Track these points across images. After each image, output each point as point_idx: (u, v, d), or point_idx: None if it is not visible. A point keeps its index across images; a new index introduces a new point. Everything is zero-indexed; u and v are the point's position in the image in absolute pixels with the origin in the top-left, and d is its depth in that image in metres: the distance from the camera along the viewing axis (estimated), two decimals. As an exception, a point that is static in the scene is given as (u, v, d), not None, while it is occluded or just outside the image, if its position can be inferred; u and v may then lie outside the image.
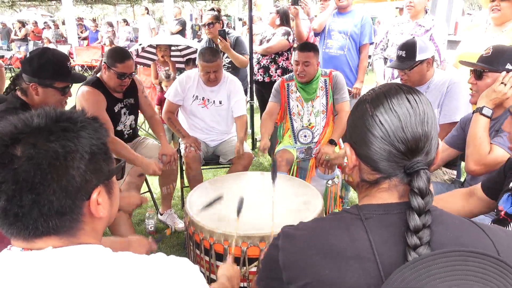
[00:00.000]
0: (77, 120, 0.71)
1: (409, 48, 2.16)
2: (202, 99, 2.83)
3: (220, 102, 2.85)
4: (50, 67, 1.81)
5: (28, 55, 1.85)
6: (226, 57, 3.64)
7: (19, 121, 0.68)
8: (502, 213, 1.23)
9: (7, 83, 2.05)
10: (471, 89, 1.86)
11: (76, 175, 0.68)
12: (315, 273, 0.72)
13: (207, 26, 3.50)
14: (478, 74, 1.77)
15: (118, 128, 2.58)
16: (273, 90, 2.82)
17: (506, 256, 0.69)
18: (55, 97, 1.87)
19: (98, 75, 2.47)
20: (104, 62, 2.40)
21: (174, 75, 4.68)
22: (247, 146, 2.90)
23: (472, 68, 1.82)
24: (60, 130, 0.68)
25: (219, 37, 3.35)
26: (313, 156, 2.69)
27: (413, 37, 2.61)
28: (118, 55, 2.37)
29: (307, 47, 2.63)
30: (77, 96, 2.37)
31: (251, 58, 4.13)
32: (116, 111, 2.51)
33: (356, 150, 0.80)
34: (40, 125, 0.68)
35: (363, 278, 0.68)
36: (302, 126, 2.78)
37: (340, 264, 0.71)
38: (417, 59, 2.13)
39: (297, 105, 2.76)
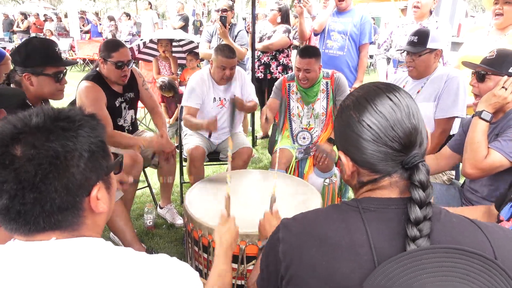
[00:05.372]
0: (75, 119, 0.72)
1: (421, 34, 2.20)
2: (219, 100, 2.83)
3: (235, 96, 2.85)
4: (38, 53, 1.81)
5: (15, 47, 1.84)
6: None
7: (18, 120, 0.69)
8: (501, 223, 1.23)
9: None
10: (472, 92, 1.85)
11: (76, 173, 0.69)
12: (311, 263, 0.73)
13: (220, 12, 3.52)
14: (480, 77, 1.75)
15: (119, 123, 2.57)
16: (274, 87, 2.81)
17: (501, 254, 0.70)
18: (50, 86, 1.86)
19: (97, 69, 2.45)
20: (100, 57, 2.39)
21: (175, 70, 4.68)
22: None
23: (473, 71, 1.81)
24: (59, 129, 0.69)
25: (219, 22, 3.39)
26: (311, 154, 2.69)
27: (427, 27, 2.63)
28: (112, 45, 2.39)
29: (308, 53, 2.51)
30: (78, 91, 2.35)
31: (252, 56, 4.13)
32: (117, 105, 2.50)
33: (351, 157, 0.81)
34: (39, 125, 0.68)
35: (357, 270, 0.69)
36: (301, 128, 2.77)
37: (335, 255, 0.71)
38: (427, 47, 2.16)
39: (298, 106, 2.75)
